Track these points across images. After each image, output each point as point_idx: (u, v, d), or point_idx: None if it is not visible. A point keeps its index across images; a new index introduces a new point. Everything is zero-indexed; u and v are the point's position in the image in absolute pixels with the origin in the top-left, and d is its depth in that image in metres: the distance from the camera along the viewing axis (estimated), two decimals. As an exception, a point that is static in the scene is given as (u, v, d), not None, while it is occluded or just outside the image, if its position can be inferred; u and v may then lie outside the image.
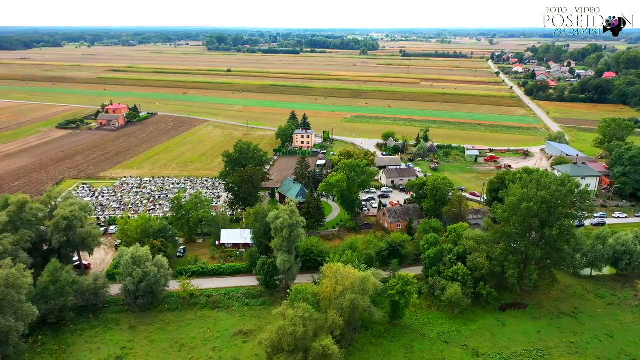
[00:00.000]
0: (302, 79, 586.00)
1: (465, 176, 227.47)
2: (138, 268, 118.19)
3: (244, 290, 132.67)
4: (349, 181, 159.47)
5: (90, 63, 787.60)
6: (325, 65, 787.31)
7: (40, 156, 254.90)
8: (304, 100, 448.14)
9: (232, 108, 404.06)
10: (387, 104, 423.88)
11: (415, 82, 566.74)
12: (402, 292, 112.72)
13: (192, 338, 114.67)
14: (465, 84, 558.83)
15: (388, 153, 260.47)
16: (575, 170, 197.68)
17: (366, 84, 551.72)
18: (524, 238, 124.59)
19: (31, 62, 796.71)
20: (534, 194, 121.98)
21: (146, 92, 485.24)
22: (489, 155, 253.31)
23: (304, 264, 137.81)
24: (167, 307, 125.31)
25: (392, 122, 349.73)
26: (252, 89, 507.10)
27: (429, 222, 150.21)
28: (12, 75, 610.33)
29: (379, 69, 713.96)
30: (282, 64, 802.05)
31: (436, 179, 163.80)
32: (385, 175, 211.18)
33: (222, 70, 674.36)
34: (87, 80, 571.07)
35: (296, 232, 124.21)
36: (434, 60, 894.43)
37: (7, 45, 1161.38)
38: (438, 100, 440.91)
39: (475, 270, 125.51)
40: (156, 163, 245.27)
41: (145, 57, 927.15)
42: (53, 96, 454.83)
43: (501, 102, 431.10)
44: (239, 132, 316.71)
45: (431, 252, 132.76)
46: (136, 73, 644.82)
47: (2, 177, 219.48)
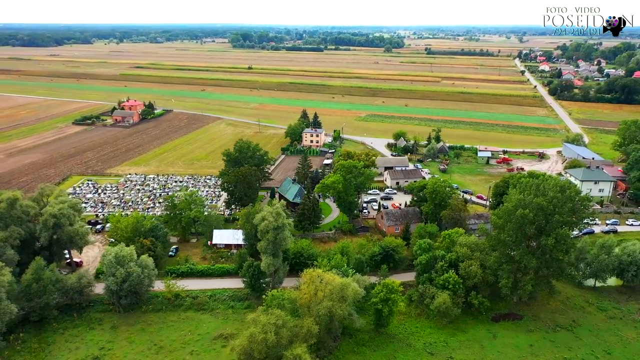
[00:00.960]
0: (322, 77, 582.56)
1: (475, 178, 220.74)
2: (121, 268, 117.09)
3: (231, 292, 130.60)
4: (345, 183, 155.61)
5: (116, 60, 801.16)
6: (348, 63, 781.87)
7: (52, 152, 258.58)
8: (320, 98, 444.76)
9: (247, 106, 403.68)
10: (404, 102, 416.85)
11: (437, 81, 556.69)
12: (385, 300, 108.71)
13: (172, 340, 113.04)
14: (488, 82, 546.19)
15: (397, 153, 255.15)
16: (587, 174, 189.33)
17: (386, 82, 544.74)
18: (519, 246, 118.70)
19: (59, 59, 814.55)
20: (530, 200, 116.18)
21: (165, 89, 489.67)
22: (501, 157, 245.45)
23: (294, 267, 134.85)
24: (151, 308, 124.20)
25: (407, 121, 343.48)
26: (270, 87, 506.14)
27: (424, 226, 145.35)
28: (39, 71, 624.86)
29: (401, 67, 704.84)
30: (304, 61, 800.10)
31: (436, 182, 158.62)
32: (390, 177, 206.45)
33: (243, 67, 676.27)
34: (110, 77, 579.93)
35: (282, 235, 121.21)
36: (459, 58, 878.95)
37: (39, 42, 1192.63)
38: (457, 100, 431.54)
39: (468, 278, 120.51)
40: (163, 160, 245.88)
41: (170, 54, 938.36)
42: (75, 92, 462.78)
43: (522, 102, 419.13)
44: (251, 130, 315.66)
45: (423, 258, 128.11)
46: (158, 70, 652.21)
47: (12, 172, 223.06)
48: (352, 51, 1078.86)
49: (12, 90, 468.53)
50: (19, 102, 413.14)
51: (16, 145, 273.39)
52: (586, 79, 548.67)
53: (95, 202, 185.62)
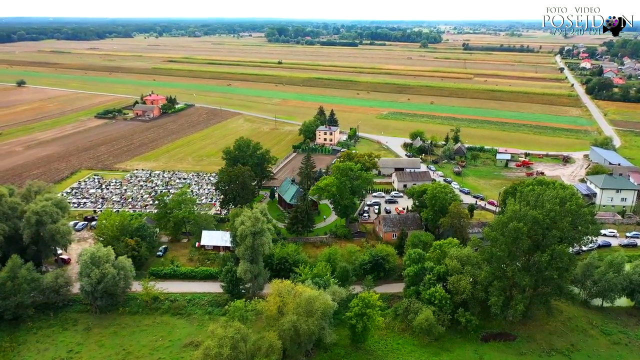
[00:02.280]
0: (351, 73, 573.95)
1: (490, 183, 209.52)
2: (96, 269, 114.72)
3: (210, 297, 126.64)
4: (340, 185, 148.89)
5: (151, 53, 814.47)
6: (380, 58, 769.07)
7: (68, 145, 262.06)
8: (345, 94, 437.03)
9: (269, 101, 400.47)
10: (430, 100, 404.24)
11: (469, 78, 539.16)
12: (361, 315, 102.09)
13: (142, 346, 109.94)
14: (523, 80, 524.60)
15: (412, 154, 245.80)
16: (609, 182, 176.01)
17: (415, 78, 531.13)
18: (513, 262, 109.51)
19: (98, 52, 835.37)
20: (525, 212, 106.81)
21: (193, 83, 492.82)
22: (521, 160, 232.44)
23: (280, 273, 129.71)
24: (128, 310, 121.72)
25: (429, 120, 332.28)
26: (296, 82, 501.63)
27: (419, 234, 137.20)
28: (75, 64, 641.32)
29: (434, 63, 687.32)
30: (337, 56, 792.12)
31: (436, 187, 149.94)
32: (397, 178, 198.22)
33: (273, 62, 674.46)
34: (142, 71, 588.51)
35: (260, 241, 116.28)
36: (496, 54, 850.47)
37: (82, 36, 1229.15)
38: (486, 98, 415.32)
39: (456, 294, 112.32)
40: (173, 156, 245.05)
41: (205, 48, 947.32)
42: (105, 86, 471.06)
43: (556, 101, 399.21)
44: (268, 127, 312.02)
45: (411, 270, 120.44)
46: (190, 64, 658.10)
47: (25, 165, 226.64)
48: (387, 46, 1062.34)
49: (46, 83, 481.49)
50: (50, 94, 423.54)
51: (36, 138, 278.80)
52: (629, 78, 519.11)
53: (96, 198, 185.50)
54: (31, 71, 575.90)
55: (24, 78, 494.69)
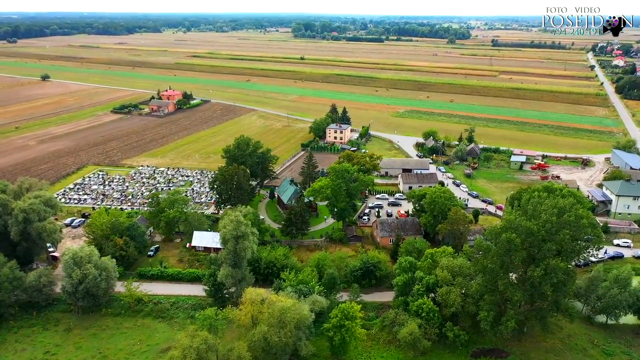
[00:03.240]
0: (373, 69, 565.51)
1: (502, 186, 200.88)
2: (77, 269, 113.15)
3: (195, 300, 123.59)
4: (335, 188, 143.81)
5: (177, 48, 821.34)
6: (405, 54, 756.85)
7: (79, 140, 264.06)
8: (363, 91, 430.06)
9: (286, 97, 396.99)
10: (450, 98, 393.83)
11: (493, 75, 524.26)
12: (339, 327, 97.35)
13: (119, 350, 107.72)
14: (550, 78, 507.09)
15: (423, 154, 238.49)
16: (625, 188, 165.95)
17: (438, 75, 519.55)
18: (506, 275, 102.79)
19: (125, 47, 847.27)
20: (519, 222, 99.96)
21: (213, 79, 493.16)
22: (537, 163, 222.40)
23: (267, 278, 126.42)
24: (110, 312, 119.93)
25: (447, 118, 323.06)
26: (316, 78, 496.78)
27: (413, 241, 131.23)
28: (101, 59, 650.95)
29: (459, 60, 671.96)
30: (361, 52, 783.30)
31: (435, 191, 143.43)
32: (402, 180, 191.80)
33: (296, 57, 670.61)
34: (165, 66, 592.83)
35: (242, 245, 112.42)
36: (526, 51, 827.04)
37: (112, 31, 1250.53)
38: (508, 96, 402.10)
39: (445, 306, 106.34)
40: (181, 153, 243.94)
41: (230, 44, 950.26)
42: (126, 80, 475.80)
43: (582, 100, 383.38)
44: (280, 123, 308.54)
45: (400, 279, 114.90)
46: (213, 59, 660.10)
47: (35, 160, 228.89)
48: (413, 42, 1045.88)
49: (69, 77, 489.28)
50: (71, 89, 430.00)
51: (51, 132, 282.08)
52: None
53: (97, 194, 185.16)
54: (58, 65, 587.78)
55: (51, 72, 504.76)
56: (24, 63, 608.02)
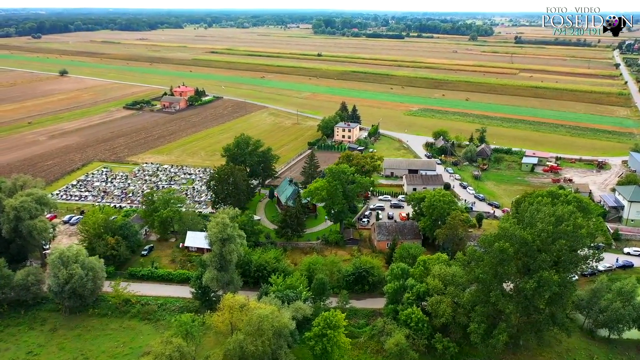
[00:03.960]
0: (390, 66, 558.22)
1: (511, 189, 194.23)
2: (64, 269, 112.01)
3: (183, 303, 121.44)
4: (331, 189, 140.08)
5: (196, 44, 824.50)
6: (424, 51, 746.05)
7: (89, 136, 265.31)
8: (378, 88, 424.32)
9: (299, 95, 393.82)
10: (466, 96, 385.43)
11: (513, 73, 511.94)
12: (321, 336, 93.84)
13: (101, 352, 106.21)
14: (572, 76, 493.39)
15: (431, 154, 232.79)
16: (639, 193, 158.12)
17: (456, 73, 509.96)
18: (500, 286, 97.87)
19: (145, 43, 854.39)
20: (513, 231, 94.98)
21: (227, 75, 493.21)
22: (549, 165, 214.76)
23: (258, 281, 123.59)
24: (97, 312, 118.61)
25: (461, 117, 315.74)
26: (331, 75, 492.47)
27: (408, 246, 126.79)
28: (120, 54, 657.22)
29: (479, 57, 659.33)
30: (379, 49, 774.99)
31: (435, 194, 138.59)
32: (406, 182, 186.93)
33: (313, 54, 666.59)
34: (182, 62, 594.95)
35: (228, 248, 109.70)
36: (549, 48, 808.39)
37: (134, 26, 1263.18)
38: (527, 95, 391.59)
39: (435, 317, 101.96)
40: (187, 150, 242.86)
41: (249, 40, 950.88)
42: (142, 76, 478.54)
43: (603, 100, 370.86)
44: (290, 121, 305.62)
45: (390, 286, 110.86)
46: (230, 55, 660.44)
47: (42, 155, 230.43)
48: (434, 39, 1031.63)
49: (87, 73, 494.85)
50: (88, 84, 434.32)
51: (62, 128, 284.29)
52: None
53: (99, 191, 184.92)
54: (78, 61, 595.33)
55: (70, 68, 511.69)
56: (45, 58, 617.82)
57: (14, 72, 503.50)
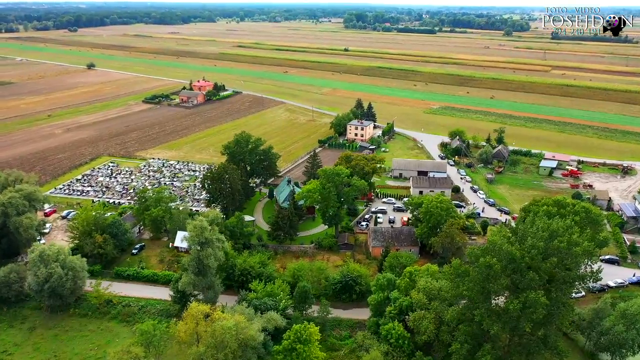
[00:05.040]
0: (416, 62, 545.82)
1: (525, 194, 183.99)
2: (44, 267, 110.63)
3: (164, 305, 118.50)
4: (324, 192, 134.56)
5: (225, 38, 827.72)
6: (455, 46, 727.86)
7: (103, 130, 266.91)
8: (401, 85, 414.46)
9: (319, 90, 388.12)
10: (491, 94, 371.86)
11: (545, 70, 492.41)
12: (290, 351, 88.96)
13: (74, 354, 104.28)
14: (609, 74, 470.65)
15: (445, 155, 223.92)
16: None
17: (485, 69, 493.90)
18: (484, 304, 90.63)
19: (176, 37, 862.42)
20: (500, 245, 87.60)
21: (251, 69, 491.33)
22: (568, 169, 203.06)
23: (243, 285, 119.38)
24: (78, 312, 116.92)
25: (482, 116, 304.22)
26: (355, 71, 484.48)
27: (398, 255, 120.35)
28: (148, 48, 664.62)
29: (512, 53, 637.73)
30: (409, 44, 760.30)
31: (432, 200, 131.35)
32: (412, 184, 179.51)
33: (340, 49, 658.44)
34: (209, 56, 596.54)
35: (205, 252, 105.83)
36: (587, 44, 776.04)
37: (168, 20, 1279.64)
38: (556, 93, 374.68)
39: (417, 333, 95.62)
40: (196, 146, 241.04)
41: (279, 34, 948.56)
42: (167, 70, 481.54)
43: (637, 100, 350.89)
44: (305, 117, 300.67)
45: (374, 298, 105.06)
46: (258, 49, 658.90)
47: (55, 149, 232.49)
48: (467, 34, 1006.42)
49: (113, 66, 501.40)
50: (112, 77, 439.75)
51: (79, 121, 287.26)
52: None
53: (101, 187, 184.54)
54: (107, 54, 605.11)
55: (100, 61, 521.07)
56: (77, 51, 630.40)
57: (45, 64, 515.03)
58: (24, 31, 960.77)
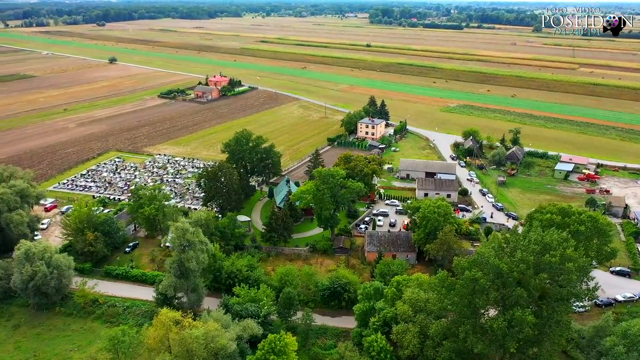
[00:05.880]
0: (439, 58, 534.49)
1: (537, 198, 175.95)
2: (28, 265, 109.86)
3: (148, 306, 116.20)
4: (318, 194, 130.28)
5: (248, 33, 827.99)
6: (481, 43, 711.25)
7: (115, 124, 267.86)
8: (420, 82, 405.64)
9: (336, 87, 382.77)
10: (512, 93, 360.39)
11: (572, 68, 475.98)
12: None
13: (54, 354, 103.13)
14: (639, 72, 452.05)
15: (457, 156, 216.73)
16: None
17: (509, 67, 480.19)
18: (469, 320, 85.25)
19: (200, 31, 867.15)
20: (488, 258, 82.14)
21: (270, 65, 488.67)
22: (585, 173, 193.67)
23: (230, 289, 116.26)
24: (64, 311, 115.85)
25: (501, 115, 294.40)
26: (374, 67, 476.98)
27: (390, 262, 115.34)
28: (171, 43, 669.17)
29: (539, 50, 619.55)
30: (434, 40, 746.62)
31: (429, 205, 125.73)
32: (417, 186, 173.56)
33: (362, 44, 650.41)
34: (230, 51, 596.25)
35: (186, 255, 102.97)
36: (620, 41, 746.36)
37: (194, 15, 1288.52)
38: (581, 93, 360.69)
39: (401, 347, 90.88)
40: (205, 142, 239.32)
41: (303, 29, 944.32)
42: (186, 65, 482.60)
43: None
44: (318, 114, 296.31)
45: (359, 307, 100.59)
46: (280, 44, 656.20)
47: (65, 143, 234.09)
48: (495, 30, 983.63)
49: (135, 61, 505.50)
50: (132, 72, 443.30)
51: (93, 115, 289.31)
52: None
53: (104, 182, 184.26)
54: (131, 48, 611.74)
55: (123, 55, 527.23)
56: (102, 46, 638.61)
57: (68, 58, 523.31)
58: (54, 25, 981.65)
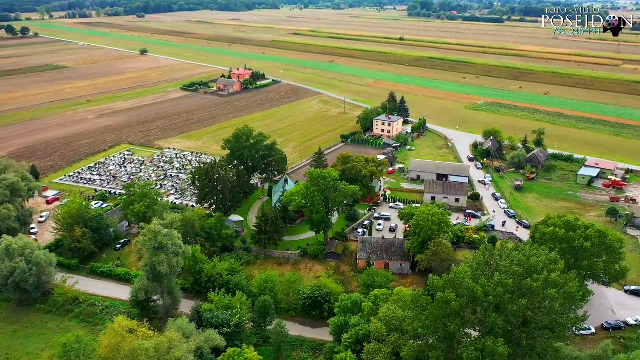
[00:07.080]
0: (474, 52, 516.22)
1: (554, 205, 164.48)
2: (8, 261, 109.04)
3: (126, 307, 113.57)
4: (309, 196, 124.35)
5: (283, 26, 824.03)
6: (520, 37, 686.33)
7: (133, 117, 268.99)
8: (449, 77, 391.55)
9: (360, 81, 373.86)
10: (546, 90, 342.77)
11: (615, 65, 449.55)
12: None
13: (26, 354, 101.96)
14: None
15: (474, 157, 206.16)
16: None
17: (547, 62, 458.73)
18: (442, 344, 77.85)
19: (235, 23, 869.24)
20: (463, 278, 74.53)
21: (298, 58, 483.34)
22: (611, 179, 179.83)
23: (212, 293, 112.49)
24: (44, 308, 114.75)
25: (530, 114, 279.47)
26: (404, 61, 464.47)
27: (375, 272, 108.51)
28: (206, 35, 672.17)
29: (582, 45, 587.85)
30: (472, 33, 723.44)
31: (424, 212, 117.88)
32: (425, 189, 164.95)
33: (395, 38, 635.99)
34: (260, 43, 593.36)
35: (158, 258, 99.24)
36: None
37: (233, 7, 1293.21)
38: (620, 91, 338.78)
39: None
40: (217, 137, 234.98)
41: (339, 21, 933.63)
42: (215, 57, 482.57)
43: None
44: (338, 110, 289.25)
45: (334, 321, 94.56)
46: (313, 37, 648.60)
47: (81, 135, 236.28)
48: (538, 23, 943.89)
49: (165, 52, 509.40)
50: (160, 64, 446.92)
51: (114, 107, 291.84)
52: None
53: (109, 176, 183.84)
54: (165, 40, 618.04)
55: (155, 47, 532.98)
56: (137, 37, 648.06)
57: (102, 49, 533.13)
58: (97, 17, 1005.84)
